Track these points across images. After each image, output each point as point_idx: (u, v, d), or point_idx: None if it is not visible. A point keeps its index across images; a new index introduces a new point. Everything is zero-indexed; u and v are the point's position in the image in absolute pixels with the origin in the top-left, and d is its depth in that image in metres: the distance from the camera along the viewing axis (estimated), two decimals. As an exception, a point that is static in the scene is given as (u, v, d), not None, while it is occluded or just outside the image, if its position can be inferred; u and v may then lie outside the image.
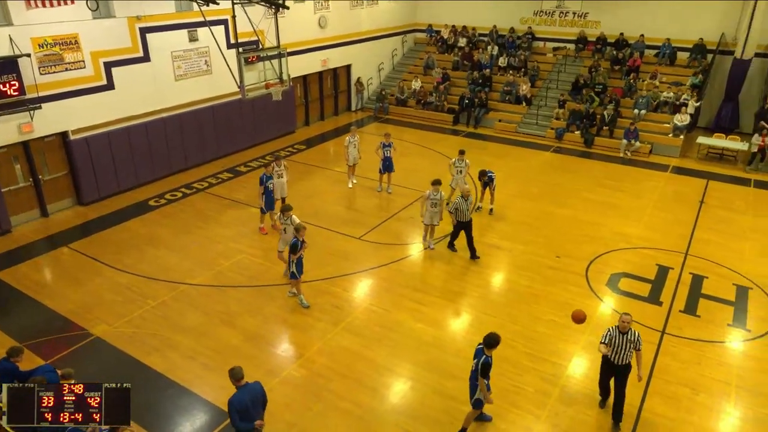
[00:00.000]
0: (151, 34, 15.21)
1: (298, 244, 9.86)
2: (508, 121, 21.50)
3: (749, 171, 17.42)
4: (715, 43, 20.43)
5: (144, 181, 15.93)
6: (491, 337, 7.00)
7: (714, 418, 7.97)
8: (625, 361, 7.38)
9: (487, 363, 6.95)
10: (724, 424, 7.88)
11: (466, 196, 11.69)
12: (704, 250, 12.46)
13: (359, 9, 23.01)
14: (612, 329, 7.46)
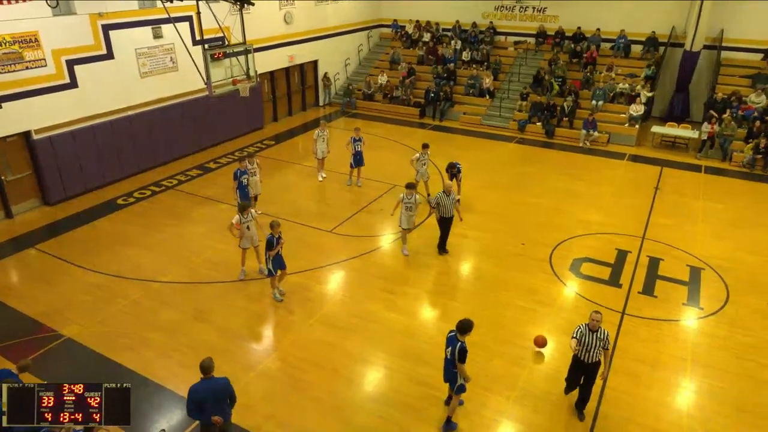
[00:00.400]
0: (114, 31, 14.75)
1: (274, 240, 9.69)
2: (472, 114, 21.67)
3: (700, 158, 18.01)
4: (667, 36, 20.99)
5: (112, 180, 15.50)
6: (464, 323, 6.97)
7: (671, 392, 8.26)
8: (595, 359, 7.26)
9: (463, 349, 6.92)
10: (681, 398, 8.18)
11: (447, 191, 11.26)
12: (660, 234, 12.84)
13: (324, 5, 22.80)
14: (582, 326, 7.35)
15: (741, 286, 10.83)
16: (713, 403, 8.04)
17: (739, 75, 19.88)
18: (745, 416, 7.79)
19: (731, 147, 17.59)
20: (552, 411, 7.86)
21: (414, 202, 11.26)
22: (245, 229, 10.60)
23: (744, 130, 17.79)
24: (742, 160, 17.10)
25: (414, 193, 11.28)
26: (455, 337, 7.03)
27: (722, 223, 13.44)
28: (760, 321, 9.81)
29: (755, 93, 18.67)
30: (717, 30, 20.12)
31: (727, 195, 15.16)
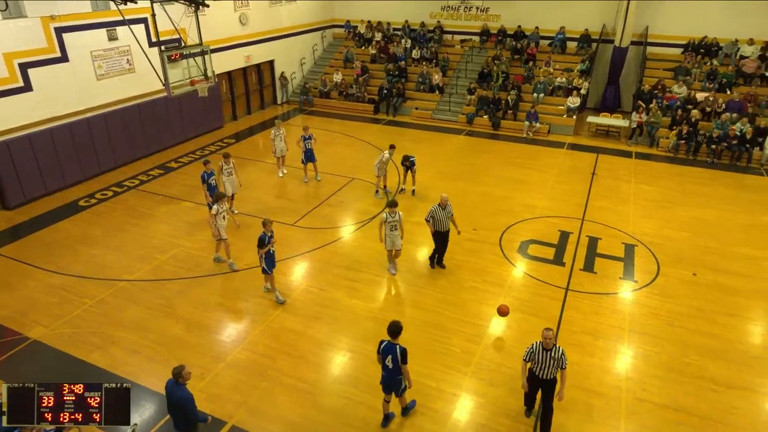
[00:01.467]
0: (67, 33, 14.05)
1: (266, 238, 9.36)
2: (423, 109, 21.78)
3: (630, 144, 18.70)
4: (598, 33, 21.61)
5: (72, 182, 14.82)
6: (395, 326, 6.70)
7: (612, 359, 8.60)
8: (551, 375, 6.75)
9: (404, 350, 6.66)
10: (620, 363, 8.53)
11: (443, 204, 10.28)
12: (597, 215, 13.29)
13: (279, 6, 22.37)
14: (535, 345, 6.78)
15: (669, 259, 11.35)
16: (648, 365, 8.42)
17: (663, 68, 20.71)
18: (675, 375, 8.20)
19: (658, 134, 18.33)
20: (506, 382, 8.06)
21: (398, 220, 10.08)
22: (221, 219, 10.40)
23: (668, 119, 18.57)
24: (668, 145, 17.86)
25: (397, 211, 10.07)
26: (390, 343, 6.71)
27: (651, 204, 14.03)
28: (686, 290, 10.32)
29: (677, 84, 19.50)
30: (642, 27, 20.87)
31: (655, 178, 15.82)
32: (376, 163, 13.97)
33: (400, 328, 6.73)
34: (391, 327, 6.73)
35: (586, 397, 7.77)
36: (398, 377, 6.86)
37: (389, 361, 6.73)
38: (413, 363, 8.28)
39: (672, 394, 7.85)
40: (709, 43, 20.21)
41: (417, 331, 9.13)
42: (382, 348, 6.78)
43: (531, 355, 6.80)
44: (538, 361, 6.76)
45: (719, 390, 7.94)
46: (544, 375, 6.78)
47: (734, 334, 9.16)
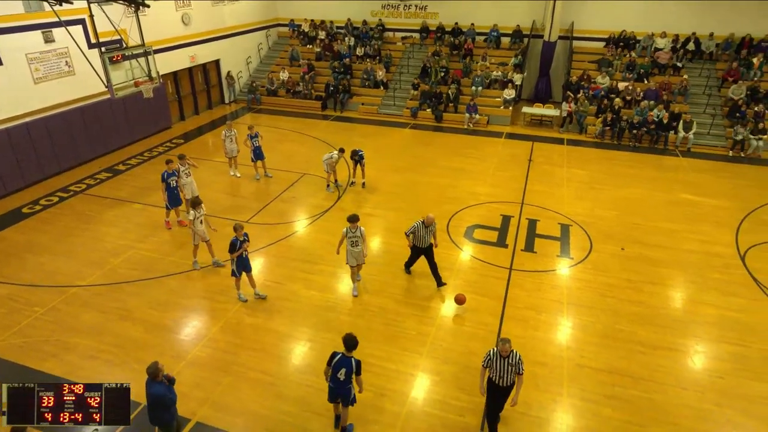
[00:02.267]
0: (0, 36, 13.07)
1: (237, 243, 9.06)
2: (369, 104, 21.77)
3: (562, 132, 19.43)
4: (529, 28, 22.25)
5: (13, 189, 13.89)
6: (351, 341, 6.37)
7: (553, 331, 8.99)
8: (509, 382, 6.54)
9: (359, 362, 6.44)
10: (561, 334, 8.93)
11: (428, 223, 9.51)
12: (535, 199, 13.77)
13: (221, 6, 21.66)
14: (491, 352, 6.57)
15: (600, 236, 11.94)
16: (585, 334, 8.86)
17: (588, 60, 21.59)
18: (609, 341, 8.68)
19: (586, 122, 19.13)
20: (459, 360, 8.27)
21: (359, 235, 9.30)
22: (198, 223, 10.09)
23: (594, 107, 19.41)
24: (595, 132, 18.68)
25: (358, 227, 9.28)
26: (345, 356, 6.39)
27: (583, 186, 14.67)
28: (616, 264, 10.90)
29: (601, 75, 20.39)
30: (568, 23, 21.65)
31: (586, 162, 16.53)
32: (324, 159, 13.87)
33: (354, 342, 6.39)
34: (348, 341, 6.37)
35: (532, 367, 8.08)
36: (348, 386, 6.56)
37: (342, 374, 6.39)
38: (372, 347, 8.40)
39: (607, 359, 8.30)
40: (627, 37, 21.23)
41: (373, 316, 9.20)
42: (335, 361, 6.39)
43: (489, 362, 6.56)
44: (496, 369, 6.50)
45: (647, 352, 8.47)
46: (503, 383, 6.54)
47: (659, 300, 9.77)
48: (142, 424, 7.00)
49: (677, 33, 20.42)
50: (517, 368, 6.45)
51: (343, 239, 9.40)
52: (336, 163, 13.88)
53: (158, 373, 6.05)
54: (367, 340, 8.59)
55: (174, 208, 12.02)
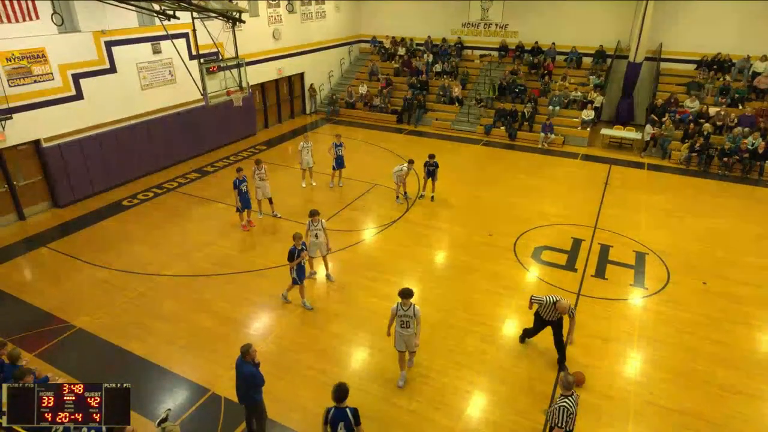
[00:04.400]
0: (116, 47, 14.47)
1: (295, 252, 9.17)
2: (444, 120, 21.75)
3: (643, 156, 18.35)
4: (613, 49, 21.31)
5: (116, 183, 15.23)
6: (337, 391, 5.71)
7: (621, 362, 8.44)
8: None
9: (356, 410, 5.78)
10: (629, 367, 8.36)
11: (561, 309, 7.95)
12: (609, 224, 13.07)
13: (309, 22, 22.64)
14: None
15: (680, 268, 11.10)
16: (657, 370, 8.24)
17: (676, 83, 20.27)
18: (683, 380, 8.01)
19: (670, 146, 17.95)
20: (515, 382, 7.98)
21: (412, 315, 7.57)
22: (313, 237, 10.12)
23: (681, 132, 18.17)
24: (680, 157, 17.47)
25: (411, 304, 7.57)
26: (338, 408, 5.74)
27: (663, 214, 13.74)
28: (696, 299, 10.07)
29: (690, 99, 19.08)
30: (656, 43, 20.50)
31: (667, 189, 15.49)
32: (394, 171, 14.00)
33: (346, 391, 5.73)
34: (336, 392, 5.68)
35: (596, 399, 7.64)
36: None
37: (341, 429, 5.72)
38: (430, 360, 8.30)
39: (679, 399, 7.66)
40: (722, 60, 19.73)
41: (432, 330, 9.11)
42: (330, 417, 5.72)
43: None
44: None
45: (726, 395, 7.73)
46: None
47: (742, 342, 8.90)
48: (208, 416, 7.36)
49: (780, 56, 18.71)
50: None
51: (393, 318, 7.69)
52: (406, 175, 13.96)
53: (248, 353, 6.39)
54: (424, 351, 8.52)
55: (246, 210, 12.61)
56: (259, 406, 6.73)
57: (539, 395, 7.74)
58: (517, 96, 21.14)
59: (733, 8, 19.02)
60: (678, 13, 19.85)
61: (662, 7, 19.60)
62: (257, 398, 6.66)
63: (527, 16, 22.65)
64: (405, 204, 14.17)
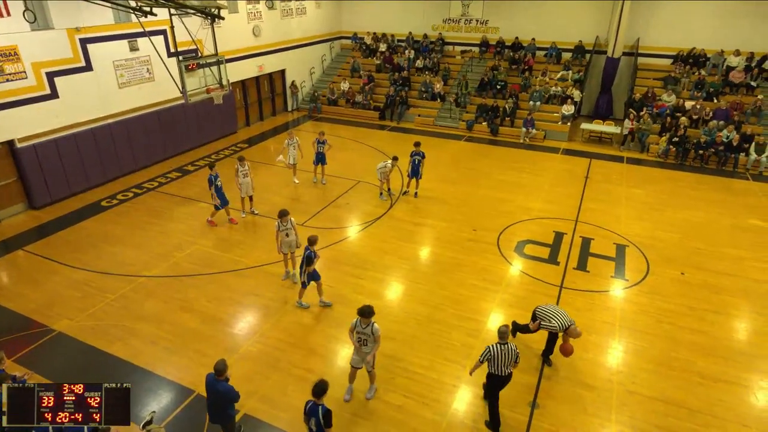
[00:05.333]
0: (91, 44, 14.13)
1: (313, 256, 9.04)
2: (426, 116, 21.79)
3: (622, 150, 18.63)
4: (591, 44, 21.57)
5: (95, 184, 14.90)
6: (319, 386, 5.81)
7: (604, 353, 8.58)
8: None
9: (328, 411, 5.77)
10: (612, 357, 8.51)
11: (574, 335, 7.65)
12: (590, 217, 13.25)
13: (289, 19, 22.44)
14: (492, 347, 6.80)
15: (659, 259, 11.31)
16: (638, 360, 8.39)
17: (653, 77, 20.63)
18: (664, 369, 8.17)
19: (648, 140, 18.26)
20: (503, 375, 8.05)
21: (370, 334, 7.22)
22: (284, 236, 10.01)
23: (658, 126, 18.50)
24: (658, 151, 17.79)
25: (371, 323, 7.19)
26: (314, 404, 5.82)
27: (642, 206, 13.97)
28: (675, 289, 10.28)
29: (666, 93, 19.43)
30: (634, 39, 20.82)
31: (646, 182, 15.75)
32: (378, 168, 13.99)
33: (324, 388, 5.80)
34: (314, 388, 5.80)
35: (580, 389, 7.76)
36: None
37: (313, 425, 5.79)
38: (416, 356, 8.33)
39: (661, 387, 7.82)
40: (697, 54, 20.13)
41: (418, 326, 9.14)
42: (307, 409, 5.87)
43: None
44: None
45: (706, 383, 7.91)
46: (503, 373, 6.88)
47: (721, 330, 9.12)
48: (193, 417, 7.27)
49: (752, 51, 19.14)
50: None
51: (352, 334, 7.34)
52: (390, 171, 13.96)
53: (225, 371, 6.10)
54: (411, 347, 8.55)
55: (224, 207, 12.50)
56: (234, 422, 6.61)
57: (525, 387, 7.82)
58: (498, 91, 21.28)
59: (706, 4, 19.41)
60: (654, 9, 20.18)
61: (639, 2, 19.90)
62: (233, 414, 6.49)
63: (508, 12, 22.79)
64: (389, 200, 14.17)
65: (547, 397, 7.66)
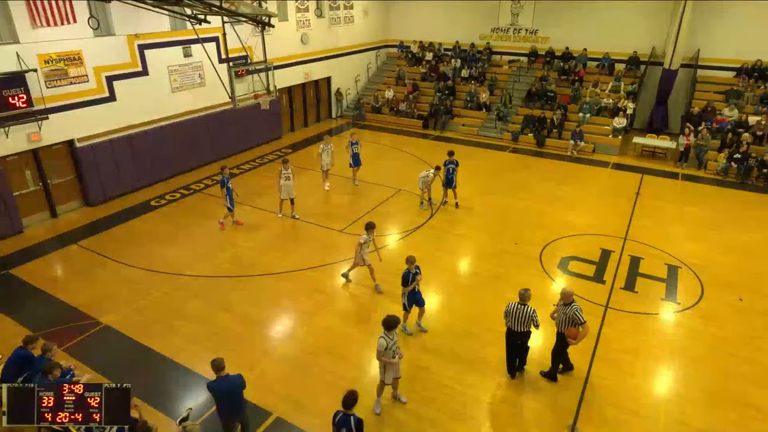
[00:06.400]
0: (148, 50, 14.88)
1: (409, 276, 8.58)
2: (470, 126, 21.65)
3: (677, 166, 17.87)
4: (647, 55, 20.88)
5: (145, 184, 15.61)
6: (350, 398, 5.85)
7: (651, 379, 8.20)
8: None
9: (360, 422, 5.82)
10: (659, 383, 8.12)
11: (565, 299, 7.76)
12: (640, 235, 12.76)
13: (337, 27, 22.88)
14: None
15: (714, 283, 10.74)
16: (688, 389, 7.98)
17: (714, 91, 19.73)
18: (717, 400, 7.73)
19: (706, 156, 17.45)
20: (541, 394, 7.83)
21: (395, 344, 7.13)
22: (365, 248, 9.79)
23: (718, 141, 17.66)
24: (716, 168, 16.96)
25: (395, 334, 7.14)
26: (344, 414, 5.85)
27: (697, 226, 13.34)
28: (731, 315, 9.73)
29: (728, 107, 18.53)
30: (693, 50, 20.00)
31: (702, 200, 15.04)
32: (420, 176, 13.97)
33: (355, 399, 5.85)
34: (344, 398, 5.84)
35: (624, 415, 7.44)
36: None
37: None
38: (451, 369, 8.23)
39: (713, 420, 7.39)
40: (763, 67, 19.12)
41: (455, 338, 9.02)
42: (337, 420, 5.89)
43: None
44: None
45: (761, 418, 7.42)
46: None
47: (782, 362, 8.55)
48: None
49: (827, 64, 18.03)
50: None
51: (384, 352, 7.12)
52: (431, 181, 13.92)
53: (222, 366, 6.20)
54: (446, 361, 8.46)
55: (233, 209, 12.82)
56: (246, 413, 6.68)
57: (565, 411, 7.57)
58: (546, 102, 20.90)
59: (775, 14, 18.45)
60: (716, 19, 19.34)
61: (700, 12, 19.13)
62: (243, 405, 6.57)
63: (558, 22, 22.41)
64: (429, 210, 14.13)
65: (587, 422, 7.38)
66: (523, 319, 7.61)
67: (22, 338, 7.17)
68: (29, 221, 13.13)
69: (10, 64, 11.76)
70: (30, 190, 13.13)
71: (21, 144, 12.46)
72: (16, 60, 11.82)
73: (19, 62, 11.85)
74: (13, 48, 11.81)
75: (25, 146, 12.57)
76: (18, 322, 9.42)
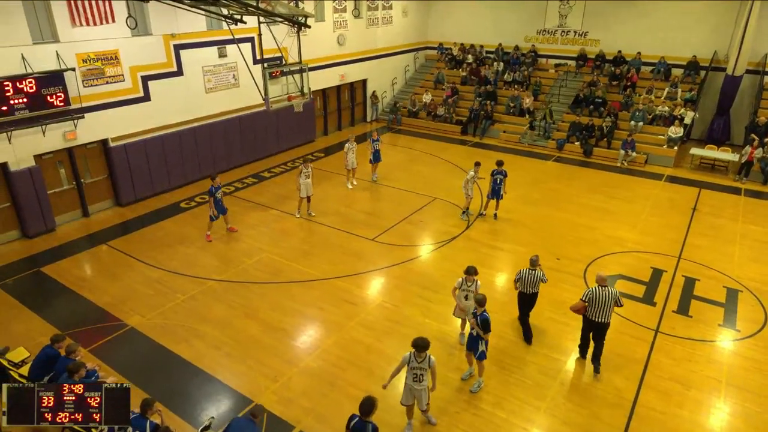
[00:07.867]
0: (184, 50, 15.38)
1: (488, 320, 7.83)
2: (512, 132, 21.37)
3: (740, 180, 17.12)
4: (708, 60, 20.16)
5: (176, 185, 16.08)
6: (366, 405, 5.86)
7: (704, 413, 7.82)
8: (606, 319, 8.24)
9: (376, 428, 5.91)
10: (714, 418, 7.73)
11: (600, 282, 8.28)
12: (696, 254, 12.26)
13: (375, 28, 23.08)
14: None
15: (780, 310, 10.20)
16: (747, 425, 7.56)
17: (783, 99, 18.87)
18: (781, 441, 7.30)
19: (773, 171, 16.66)
20: (581, 424, 7.58)
21: (426, 368, 7.09)
22: (462, 299, 8.89)
23: (787, 155, 16.84)
24: (784, 184, 16.17)
25: (427, 356, 7.09)
26: (362, 421, 5.89)
27: (761, 246, 12.71)
28: (799, 346, 9.20)
29: (799, 118, 17.67)
30: (760, 55, 19.19)
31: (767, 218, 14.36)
32: (465, 180, 13.78)
33: (373, 406, 5.87)
34: (362, 405, 5.86)
35: (672, 451, 7.12)
36: None
37: None
38: (484, 391, 8.08)
39: (775, 461, 6.98)
40: (840, 74, 18.18)
41: (488, 358, 8.84)
42: (352, 425, 5.94)
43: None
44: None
45: (835, 464, 6.95)
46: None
47: None
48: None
49: None
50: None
51: (401, 369, 7.19)
52: (472, 182, 13.67)
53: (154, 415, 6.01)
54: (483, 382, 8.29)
55: (221, 215, 12.91)
56: None
57: (606, 441, 7.30)
58: (594, 109, 20.44)
59: None
60: (788, 21, 18.53)
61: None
62: None
63: (610, 23, 21.94)
64: (467, 220, 13.98)
65: (631, 455, 7.10)
66: (533, 281, 8.92)
67: (49, 337, 7.46)
68: (61, 219, 13.70)
69: (50, 62, 12.36)
70: (64, 188, 13.72)
71: (57, 142, 13.05)
72: (56, 59, 12.41)
73: (59, 61, 12.44)
74: (54, 47, 12.41)
75: (60, 144, 13.16)
76: (46, 320, 9.80)
